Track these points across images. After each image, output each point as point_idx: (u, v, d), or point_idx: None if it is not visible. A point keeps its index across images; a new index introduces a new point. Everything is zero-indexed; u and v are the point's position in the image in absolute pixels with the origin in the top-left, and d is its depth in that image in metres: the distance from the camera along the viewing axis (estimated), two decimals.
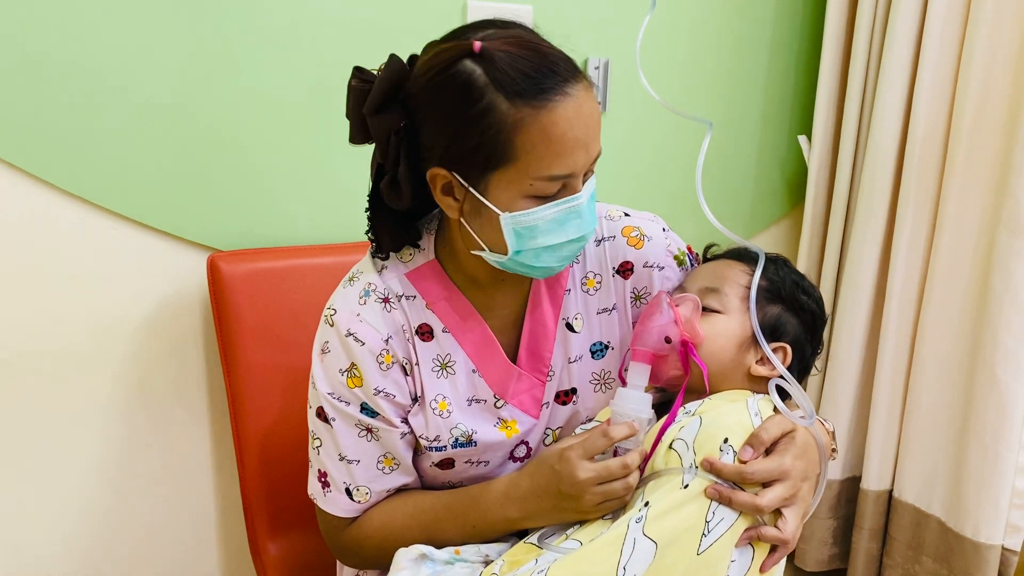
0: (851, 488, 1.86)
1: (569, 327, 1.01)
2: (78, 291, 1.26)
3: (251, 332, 1.29)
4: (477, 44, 0.81)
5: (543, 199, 0.85)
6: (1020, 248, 1.51)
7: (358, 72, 0.88)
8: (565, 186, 0.85)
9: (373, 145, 0.90)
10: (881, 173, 1.68)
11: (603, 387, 1.03)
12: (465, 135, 0.82)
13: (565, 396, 1.02)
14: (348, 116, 0.89)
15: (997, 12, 1.49)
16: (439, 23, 1.41)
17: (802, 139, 1.85)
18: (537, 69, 0.81)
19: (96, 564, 1.37)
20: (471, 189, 0.85)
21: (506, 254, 0.88)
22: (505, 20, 0.87)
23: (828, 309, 1.80)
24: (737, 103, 1.80)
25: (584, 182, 0.88)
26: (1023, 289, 1.52)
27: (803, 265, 1.88)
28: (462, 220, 0.90)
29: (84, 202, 1.23)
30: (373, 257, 0.99)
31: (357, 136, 0.89)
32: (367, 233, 0.97)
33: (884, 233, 1.71)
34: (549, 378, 1.01)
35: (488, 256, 0.91)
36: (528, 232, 0.86)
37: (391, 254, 0.98)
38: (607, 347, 1.03)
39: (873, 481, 1.76)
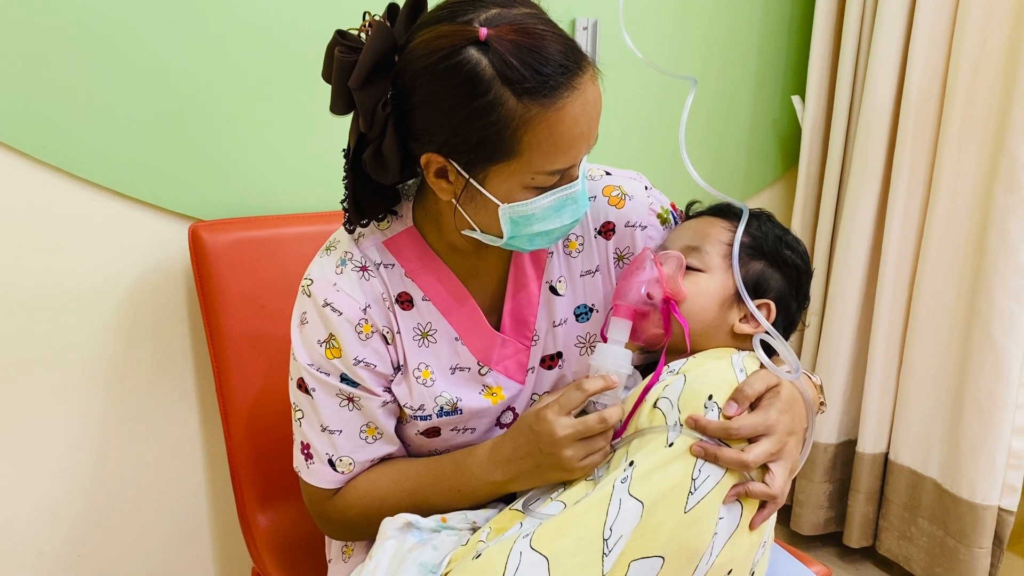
0: (847, 451, 1.85)
1: (553, 290, 1.00)
2: (56, 264, 1.24)
3: (235, 302, 1.27)
4: (483, 31, 0.77)
5: (542, 189, 0.84)
6: (1016, 206, 1.49)
7: (341, 38, 0.82)
8: (563, 175, 0.84)
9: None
10: (876, 132, 1.66)
11: (589, 350, 1.02)
12: (468, 128, 0.80)
13: (551, 360, 1.01)
14: (328, 82, 0.85)
15: None
16: None
17: (795, 99, 1.83)
18: (547, 63, 0.77)
19: (85, 537, 1.36)
20: (470, 180, 0.84)
21: (501, 238, 0.87)
22: None
23: (822, 272, 1.80)
24: (729, 63, 1.77)
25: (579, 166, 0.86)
26: (1020, 247, 1.50)
27: (797, 228, 1.87)
28: (455, 203, 0.88)
29: (59, 171, 1.21)
30: (346, 228, 0.96)
31: (340, 107, 0.85)
32: (342, 203, 0.93)
33: (879, 194, 1.70)
34: (534, 343, 0.99)
35: (479, 236, 0.89)
36: (525, 220, 0.85)
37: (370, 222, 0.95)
38: (591, 309, 1.01)
39: (869, 444, 1.76)
